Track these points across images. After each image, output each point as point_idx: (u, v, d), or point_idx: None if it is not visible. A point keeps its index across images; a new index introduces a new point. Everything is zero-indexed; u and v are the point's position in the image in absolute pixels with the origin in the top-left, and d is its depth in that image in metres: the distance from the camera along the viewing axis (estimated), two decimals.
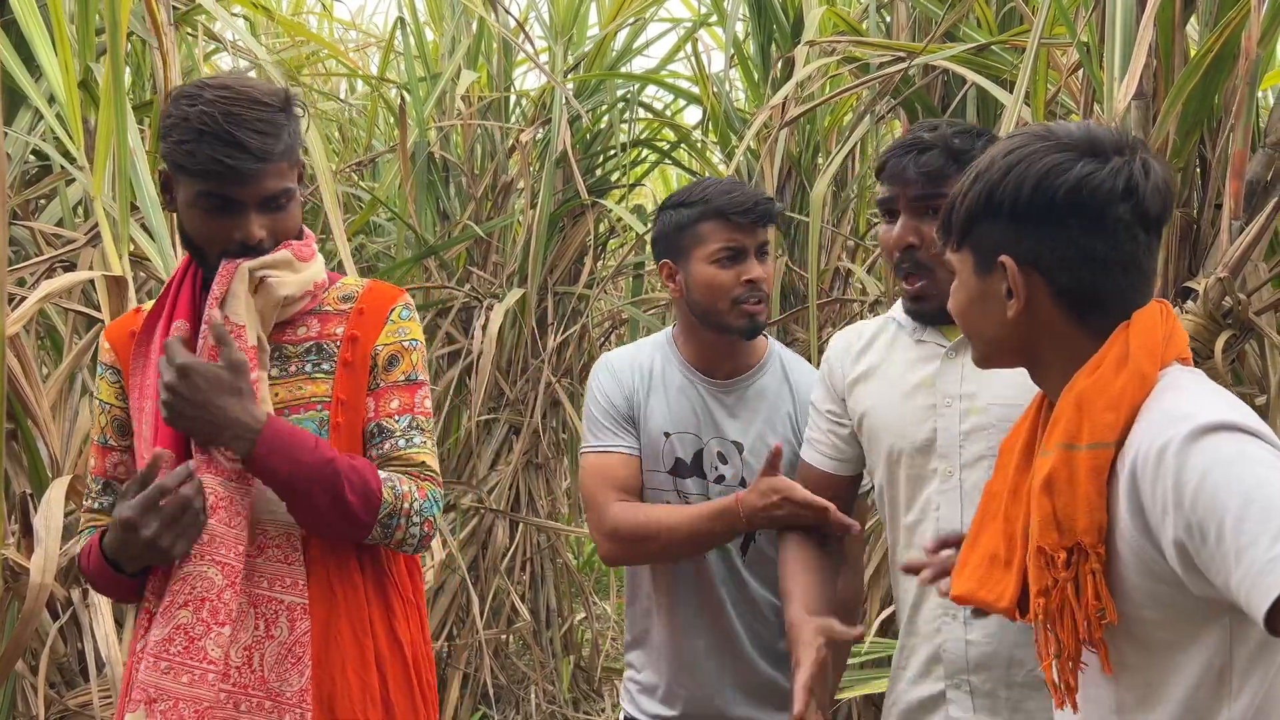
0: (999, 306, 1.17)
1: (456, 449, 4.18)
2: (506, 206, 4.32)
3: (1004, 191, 1.14)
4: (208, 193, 1.45)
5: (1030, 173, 1.13)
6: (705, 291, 1.90)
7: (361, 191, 4.51)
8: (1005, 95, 2.61)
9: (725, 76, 4.26)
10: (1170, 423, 1.04)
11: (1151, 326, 1.13)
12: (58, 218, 2.77)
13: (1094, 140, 1.14)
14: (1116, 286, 1.14)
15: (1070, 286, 1.14)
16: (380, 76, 4.65)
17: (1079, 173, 1.12)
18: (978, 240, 1.18)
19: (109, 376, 1.59)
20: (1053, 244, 1.13)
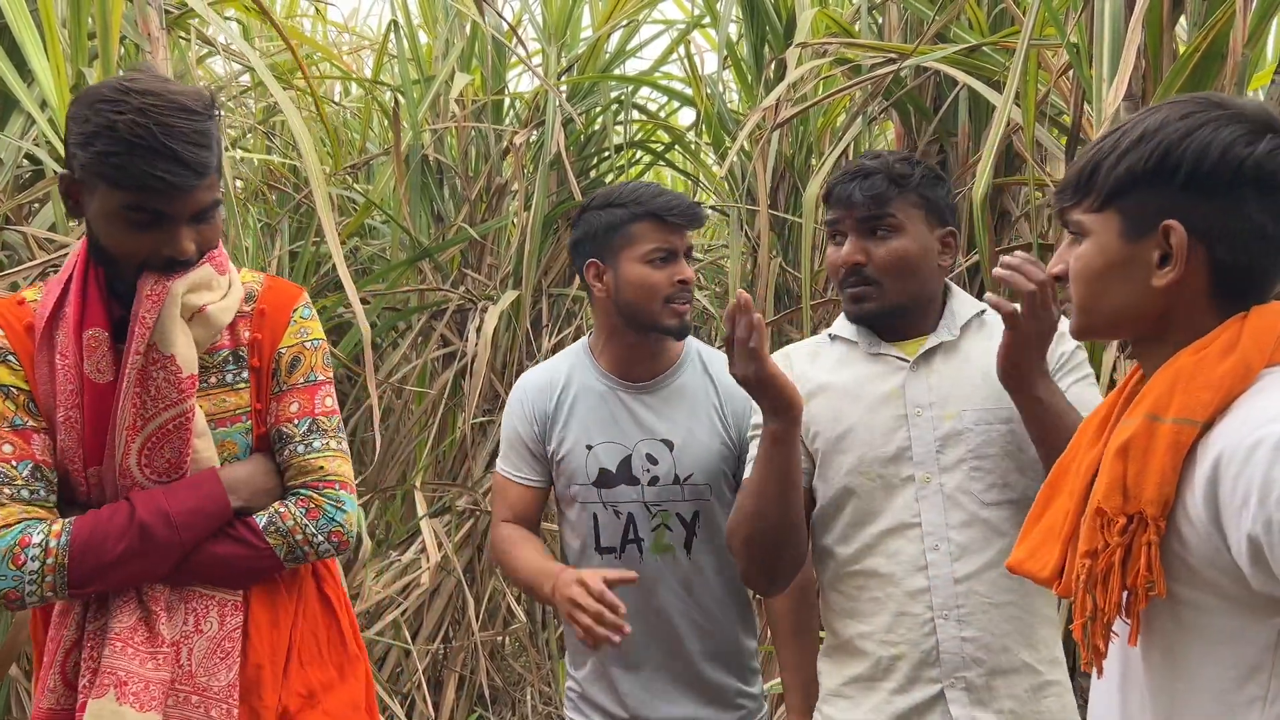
0: (1143, 273, 1.13)
1: (452, 451, 4.18)
2: (501, 209, 4.33)
3: (1183, 154, 1.10)
4: (137, 206, 1.37)
5: (1217, 139, 1.09)
6: (637, 291, 1.93)
7: (356, 194, 4.51)
8: (996, 96, 2.62)
9: (718, 78, 4.27)
10: (1267, 420, 1.03)
11: (1269, 323, 1.10)
12: (50, 222, 2.77)
13: (1272, 118, 1.12)
14: (1268, 270, 1.12)
15: (1230, 262, 1.11)
16: (374, 79, 4.65)
17: (1265, 147, 1.09)
18: (1136, 202, 1.13)
19: (11, 361, 1.46)
20: (1227, 216, 1.10)
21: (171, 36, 2.96)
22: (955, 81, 2.94)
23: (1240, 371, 1.08)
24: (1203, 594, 1.07)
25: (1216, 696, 1.05)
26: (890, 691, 1.66)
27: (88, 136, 1.37)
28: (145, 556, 1.42)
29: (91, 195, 1.40)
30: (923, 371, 1.69)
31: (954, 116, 3.22)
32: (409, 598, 3.76)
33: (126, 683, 1.40)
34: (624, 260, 1.94)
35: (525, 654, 4.16)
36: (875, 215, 1.70)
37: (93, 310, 1.44)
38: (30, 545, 1.40)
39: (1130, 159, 1.12)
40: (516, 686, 4.10)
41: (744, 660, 2.03)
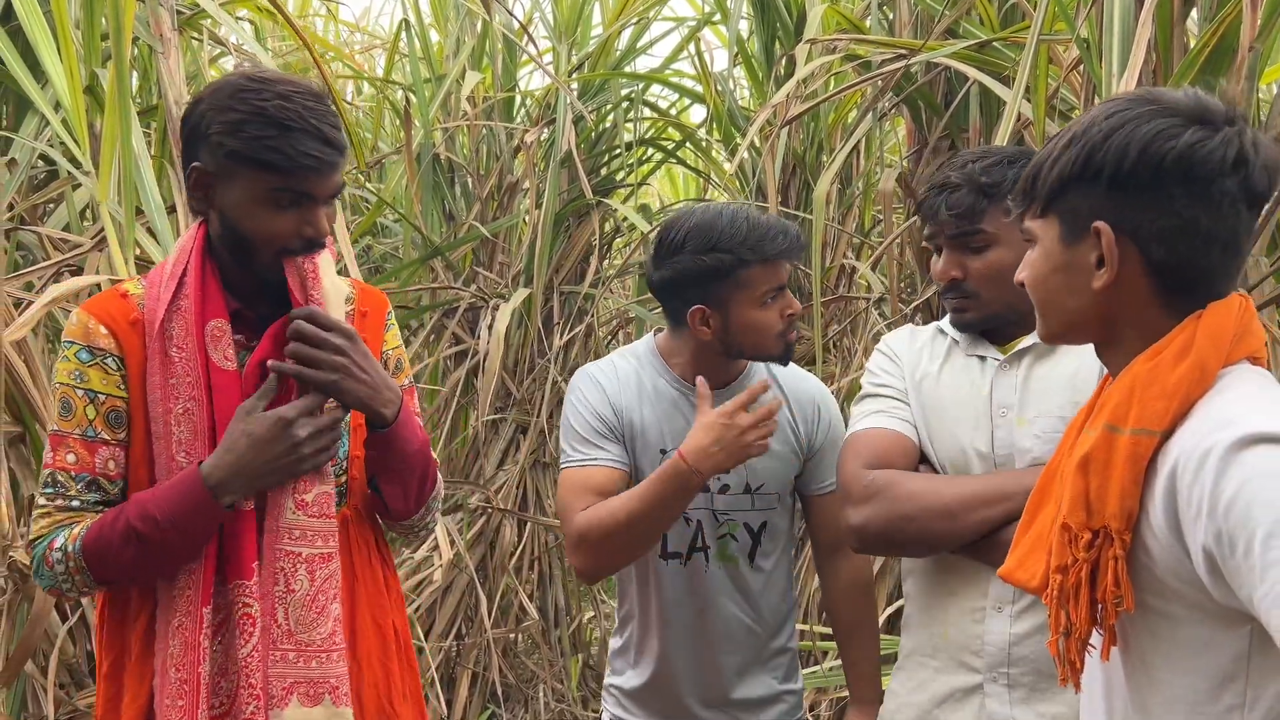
0: (1084, 277, 1.11)
1: (464, 448, 4.20)
2: (512, 207, 4.34)
3: (1105, 155, 1.08)
4: (285, 188, 1.42)
5: (1136, 137, 1.06)
6: (750, 333, 1.85)
7: (368, 193, 4.53)
8: (1006, 91, 2.61)
9: (729, 75, 4.27)
10: (1217, 427, 1.01)
11: (1223, 321, 1.07)
12: (65, 222, 2.80)
13: (1204, 108, 1.08)
14: (1210, 265, 1.08)
15: (1165, 260, 1.07)
16: (386, 78, 4.67)
17: (1188, 140, 1.05)
18: (1069, 206, 1.11)
19: (109, 364, 1.46)
20: (1154, 213, 1.07)
21: (184, 37, 2.98)
22: (966, 77, 2.93)
23: (1196, 375, 1.06)
24: (1172, 604, 1.05)
25: (1193, 707, 1.04)
26: (935, 670, 1.65)
27: (235, 124, 1.41)
28: (151, 556, 1.42)
29: (231, 183, 1.43)
30: (1012, 371, 1.66)
31: (965, 112, 3.21)
32: (422, 595, 3.78)
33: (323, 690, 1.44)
34: (734, 305, 1.84)
35: (538, 651, 4.17)
36: (964, 231, 1.66)
37: (214, 302, 1.46)
38: (55, 549, 1.43)
39: (1061, 163, 1.12)
40: (529, 684, 4.11)
41: (793, 659, 2.03)
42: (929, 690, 1.66)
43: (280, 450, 1.42)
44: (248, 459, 1.41)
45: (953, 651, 1.63)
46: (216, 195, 1.45)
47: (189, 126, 1.46)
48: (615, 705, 2.04)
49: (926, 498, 1.57)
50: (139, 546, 1.40)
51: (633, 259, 4.64)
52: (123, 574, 1.43)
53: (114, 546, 1.40)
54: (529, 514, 4.07)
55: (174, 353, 1.44)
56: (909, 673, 1.69)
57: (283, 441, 1.42)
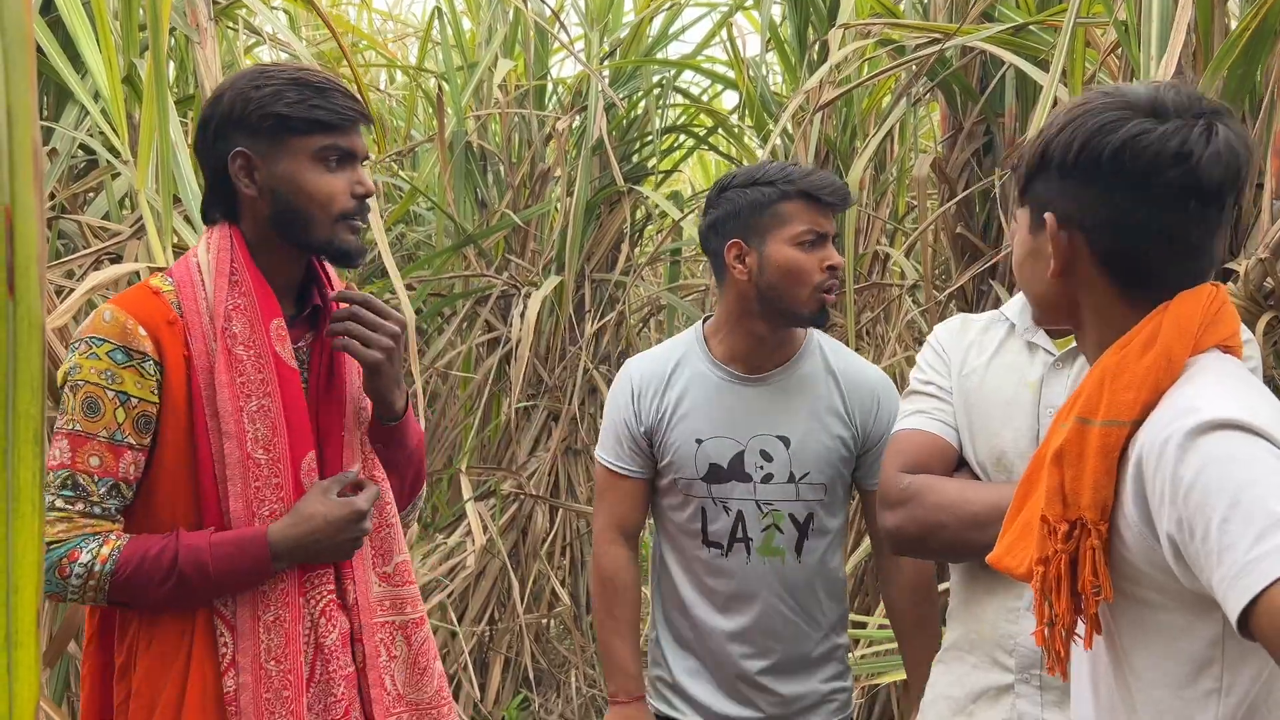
0: (1045, 265, 1.14)
1: (496, 435, 4.22)
2: (544, 194, 4.34)
3: (1056, 146, 1.10)
4: (332, 145, 1.46)
5: (1082, 129, 1.08)
6: (784, 275, 1.79)
7: (401, 181, 4.55)
8: (1043, 76, 2.58)
9: (761, 60, 4.25)
10: (1177, 415, 1.01)
11: (1190, 309, 1.07)
12: (104, 211, 2.83)
13: (1157, 101, 1.08)
14: (1160, 258, 1.08)
15: (1112, 252, 1.09)
16: (418, 66, 4.69)
17: (1129, 131, 1.06)
18: (1033, 196, 1.15)
19: (146, 368, 1.42)
20: (1092, 205, 1.08)
21: (219, 27, 3.00)
22: (1001, 61, 2.90)
23: (1162, 365, 1.06)
24: (1148, 592, 1.06)
25: (1173, 691, 1.05)
26: (971, 666, 1.63)
27: (274, 94, 1.45)
28: (181, 600, 1.43)
29: (278, 155, 1.46)
30: (1065, 369, 1.58)
31: (1000, 97, 3.18)
32: (455, 580, 3.81)
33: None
34: (771, 241, 1.80)
35: (570, 637, 4.19)
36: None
37: (272, 300, 1.48)
38: (76, 562, 1.39)
39: (1029, 155, 1.15)
40: (561, 669, 4.14)
41: (844, 659, 1.98)
42: (965, 685, 1.64)
43: (346, 538, 1.46)
44: (316, 538, 1.44)
45: (988, 649, 1.61)
46: (262, 175, 1.46)
47: (217, 120, 1.47)
48: (658, 698, 2.00)
49: (957, 507, 1.55)
50: (177, 588, 1.40)
51: (664, 246, 4.64)
52: (144, 603, 1.43)
53: (152, 582, 1.39)
54: (561, 500, 4.09)
55: (240, 351, 1.44)
56: (947, 665, 1.68)
57: (352, 531, 1.46)
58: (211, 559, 1.40)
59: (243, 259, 1.47)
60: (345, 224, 1.48)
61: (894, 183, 3.99)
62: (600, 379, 4.10)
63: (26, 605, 0.59)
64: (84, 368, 1.42)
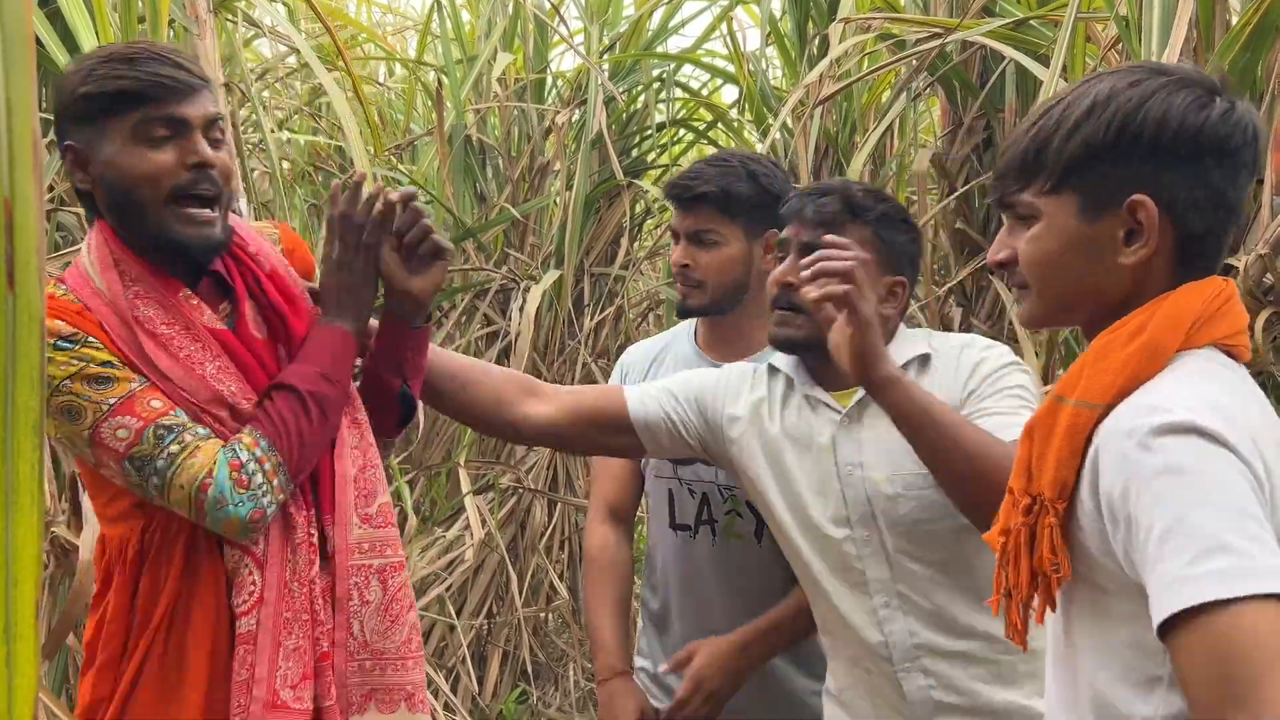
0: (1108, 253, 1.06)
1: None
2: (543, 188, 4.34)
3: (1143, 123, 1.04)
4: (154, 117, 1.32)
5: (1174, 105, 1.04)
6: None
7: (400, 175, 4.55)
8: (1044, 71, 2.58)
9: (761, 54, 4.24)
10: (1144, 411, 1.00)
11: (1189, 302, 1.05)
12: None
13: (1214, 81, 1.07)
14: (1221, 240, 1.08)
15: (1197, 232, 1.05)
16: (418, 60, 4.68)
17: (1220, 109, 1.05)
18: (1097, 178, 1.06)
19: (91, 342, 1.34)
20: (1192, 184, 1.04)
21: (218, 19, 3.00)
22: (1002, 56, 2.90)
23: (1146, 354, 1.04)
24: (1100, 576, 1.06)
25: (1119, 675, 1.05)
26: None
27: (85, 76, 1.34)
28: (328, 418, 1.41)
29: (100, 140, 1.34)
30: (853, 427, 1.58)
31: (1000, 92, 3.18)
32: (453, 574, 3.81)
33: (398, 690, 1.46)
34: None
35: (568, 630, 4.20)
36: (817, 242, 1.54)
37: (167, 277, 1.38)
38: (243, 464, 1.34)
39: (1084, 132, 1.06)
40: (559, 662, 4.14)
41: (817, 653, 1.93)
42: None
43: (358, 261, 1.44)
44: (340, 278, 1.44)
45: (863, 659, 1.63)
46: (94, 165, 1.34)
47: (56, 117, 1.37)
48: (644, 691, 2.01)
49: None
50: (319, 411, 1.39)
51: (663, 240, 4.64)
52: (316, 451, 1.41)
53: (301, 421, 1.37)
54: (559, 494, 4.09)
55: (164, 330, 1.36)
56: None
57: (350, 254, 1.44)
58: (314, 361, 1.40)
59: (119, 249, 1.37)
60: (177, 207, 1.34)
61: (893, 178, 3.98)
62: (599, 373, 4.10)
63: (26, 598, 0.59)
64: (55, 374, 1.32)
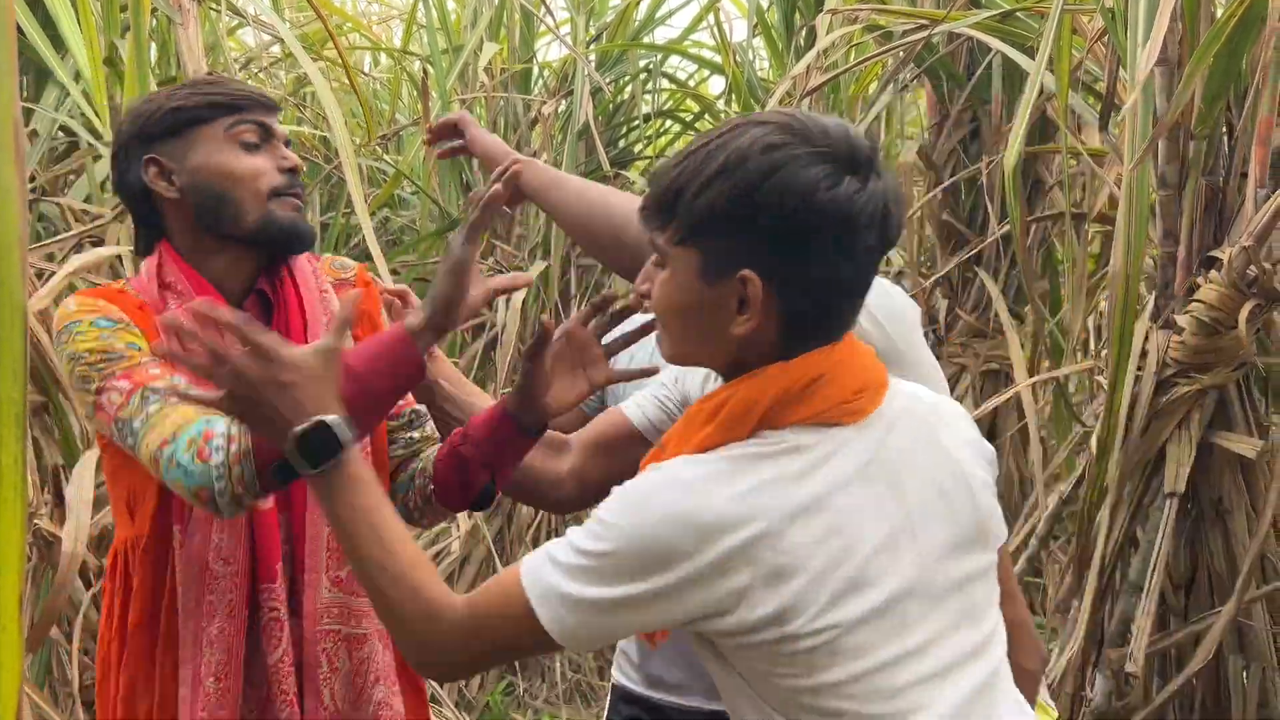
0: (721, 318, 1.05)
1: None
2: None
3: (763, 199, 1.01)
4: (246, 121, 1.39)
5: (797, 184, 1.01)
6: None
7: (385, 165, 4.53)
8: (1030, 62, 2.58)
9: (748, 45, 4.24)
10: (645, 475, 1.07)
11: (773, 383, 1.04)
12: (85, 194, 2.81)
13: (855, 151, 1.03)
14: (839, 314, 1.07)
15: (802, 310, 1.04)
16: (403, 49, 4.66)
17: (846, 191, 1.01)
18: (716, 244, 1.04)
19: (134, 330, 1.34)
20: (804, 264, 1.02)
21: (202, 8, 2.97)
22: (988, 48, 2.90)
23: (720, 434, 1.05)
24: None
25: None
26: None
27: (166, 97, 1.41)
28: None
29: (189, 149, 1.39)
30: None
31: (987, 84, 3.19)
32: (439, 565, 3.81)
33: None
34: None
35: None
36: None
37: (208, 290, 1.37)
38: (215, 437, 1.24)
39: (710, 195, 1.03)
40: (546, 654, 4.14)
41: None
42: None
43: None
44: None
45: None
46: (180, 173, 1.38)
47: (123, 144, 1.41)
48: (618, 670, 2.02)
49: None
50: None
51: None
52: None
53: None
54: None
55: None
56: None
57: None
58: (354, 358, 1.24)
59: (174, 266, 1.38)
60: (280, 200, 1.39)
61: None
62: None
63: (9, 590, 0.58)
64: (77, 344, 1.32)
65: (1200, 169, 2.10)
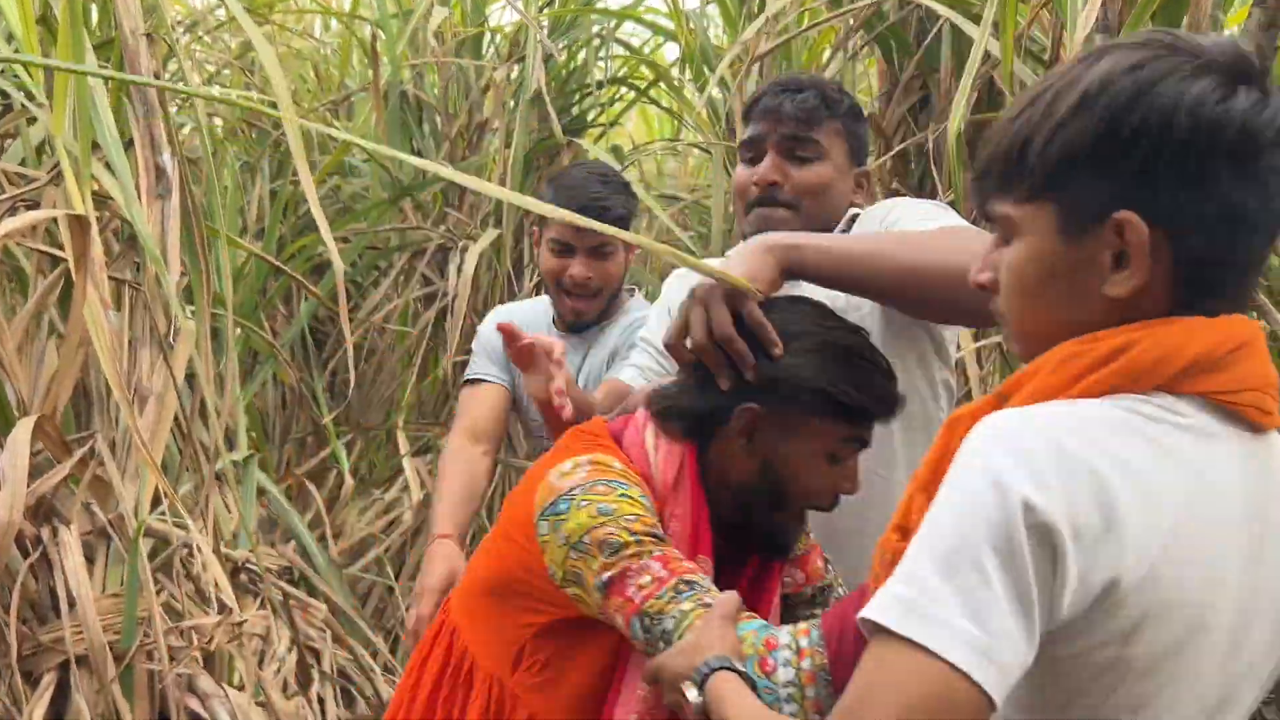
0: (1093, 280, 0.86)
1: (433, 390, 4.20)
2: (481, 146, 4.29)
3: (1139, 125, 0.83)
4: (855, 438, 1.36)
5: (1182, 101, 0.83)
6: (544, 272, 2.16)
7: (336, 132, 4.46)
8: (977, 29, 2.59)
9: (702, 13, 4.21)
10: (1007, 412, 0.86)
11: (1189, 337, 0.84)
12: (20, 157, 2.74)
13: (1244, 61, 0.85)
14: (1247, 261, 0.87)
15: (1200, 256, 0.85)
16: (352, 13, 4.58)
17: (1245, 102, 0.83)
18: (1078, 189, 0.86)
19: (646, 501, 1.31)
20: (1196, 198, 0.83)
21: None
22: (938, 15, 2.90)
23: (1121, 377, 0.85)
24: None
25: None
26: None
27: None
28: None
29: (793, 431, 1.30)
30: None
31: (937, 51, 3.19)
32: (389, 536, 3.79)
33: None
34: (542, 235, 2.18)
35: None
36: (800, 136, 1.59)
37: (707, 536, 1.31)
38: (778, 647, 1.07)
39: (1069, 133, 0.86)
40: None
41: None
42: None
43: None
44: None
45: None
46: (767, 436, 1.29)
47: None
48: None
49: None
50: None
51: None
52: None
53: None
54: (500, 456, 4.08)
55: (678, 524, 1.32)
56: None
57: None
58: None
59: (690, 481, 1.31)
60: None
61: None
62: None
63: None
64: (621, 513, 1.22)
65: None
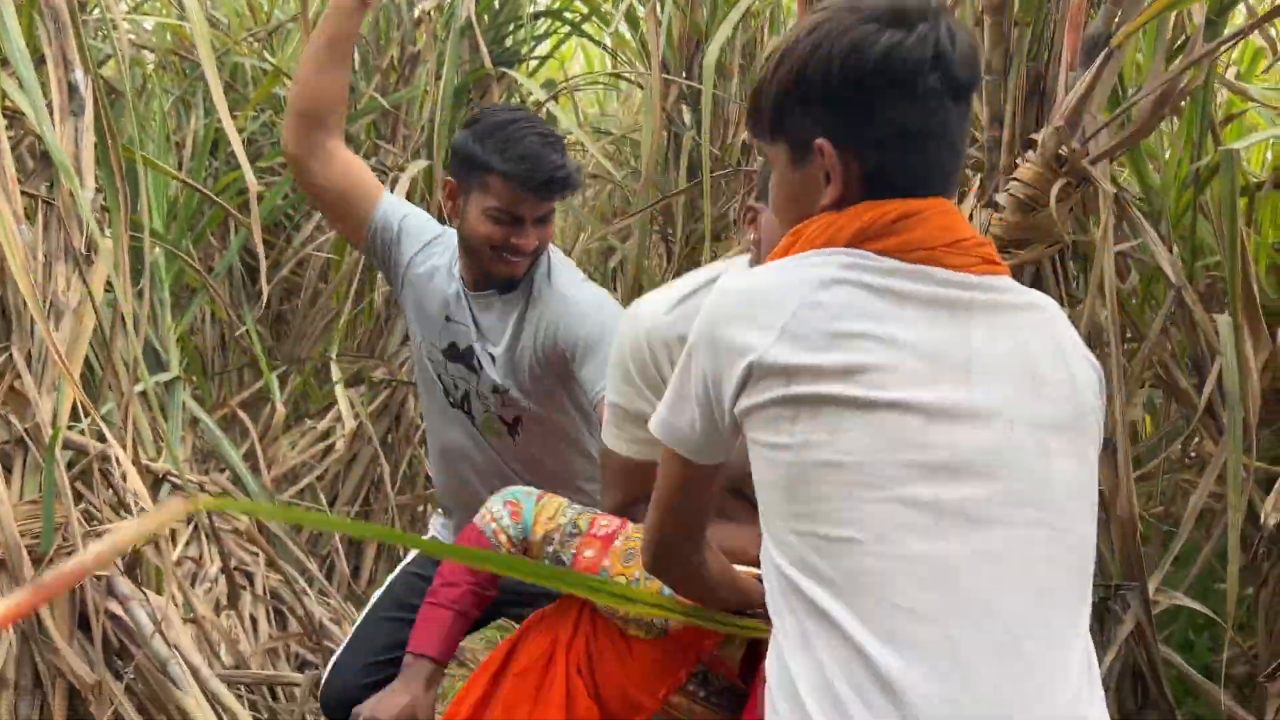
0: (816, 197, 1.12)
1: (368, 324, 4.22)
2: (413, 78, 4.28)
3: (811, 72, 1.09)
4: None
5: (837, 49, 1.07)
6: (473, 235, 1.91)
7: (266, 64, 4.43)
8: None
9: None
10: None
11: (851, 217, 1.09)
12: None
13: (898, 8, 1.08)
14: (926, 164, 1.11)
15: (879, 165, 1.10)
16: None
17: (886, 43, 1.07)
18: (792, 128, 1.12)
19: None
20: (863, 121, 1.09)
21: None
22: None
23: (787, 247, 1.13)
24: None
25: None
26: None
27: None
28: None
29: None
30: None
31: None
32: (324, 465, 3.84)
33: None
34: (473, 201, 1.91)
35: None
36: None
37: None
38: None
39: (776, 85, 1.12)
40: None
41: None
42: None
43: None
44: None
45: None
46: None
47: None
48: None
49: None
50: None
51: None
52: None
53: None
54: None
55: None
56: None
57: None
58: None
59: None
60: None
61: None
62: None
63: None
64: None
65: (1024, 55, 2.18)
